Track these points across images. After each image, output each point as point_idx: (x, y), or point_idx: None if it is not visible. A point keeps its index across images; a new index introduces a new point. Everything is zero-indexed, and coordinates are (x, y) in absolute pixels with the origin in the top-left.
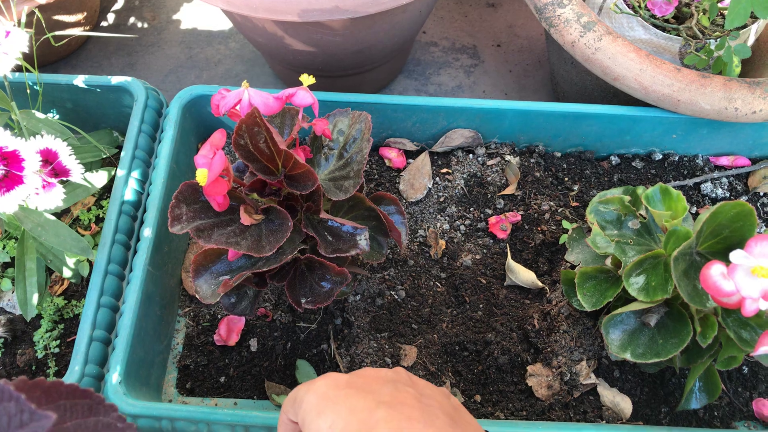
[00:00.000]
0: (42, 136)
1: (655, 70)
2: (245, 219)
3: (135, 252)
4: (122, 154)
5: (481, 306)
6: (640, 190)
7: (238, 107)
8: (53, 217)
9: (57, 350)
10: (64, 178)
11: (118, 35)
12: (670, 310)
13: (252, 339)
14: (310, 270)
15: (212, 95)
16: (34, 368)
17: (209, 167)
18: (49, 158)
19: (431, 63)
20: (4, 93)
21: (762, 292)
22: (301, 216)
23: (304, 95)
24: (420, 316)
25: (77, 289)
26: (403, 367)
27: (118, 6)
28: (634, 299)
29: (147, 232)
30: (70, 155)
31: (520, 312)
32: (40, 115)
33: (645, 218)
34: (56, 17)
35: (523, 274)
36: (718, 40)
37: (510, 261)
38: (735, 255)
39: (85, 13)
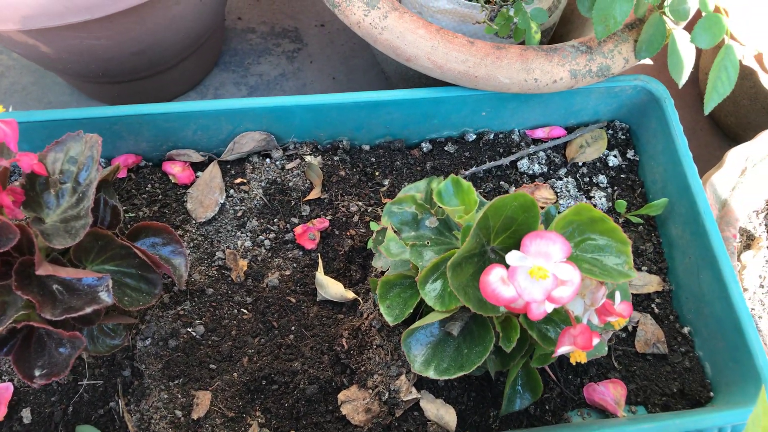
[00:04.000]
0: None
1: (448, 46)
2: None
3: None
4: None
5: (292, 329)
6: (434, 183)
7: None
8: None
9: None
10: None
11: None
12: (474, 314)
13: (24, 409)
14: (49, 336)
15: None
16: None
17: None
18: None
19: (249, 52)
20: None
21: (545, 294)
22: (12, 274)
23: None
24: (219, 353)
25: None
26: (194, 419)
27: None
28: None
29: None
30: None
31: (332, 330)
32: None
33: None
34: None
35: (332, 288)
36: (514, 4)
37: (318, 274)
38: (511, 256)
39: None
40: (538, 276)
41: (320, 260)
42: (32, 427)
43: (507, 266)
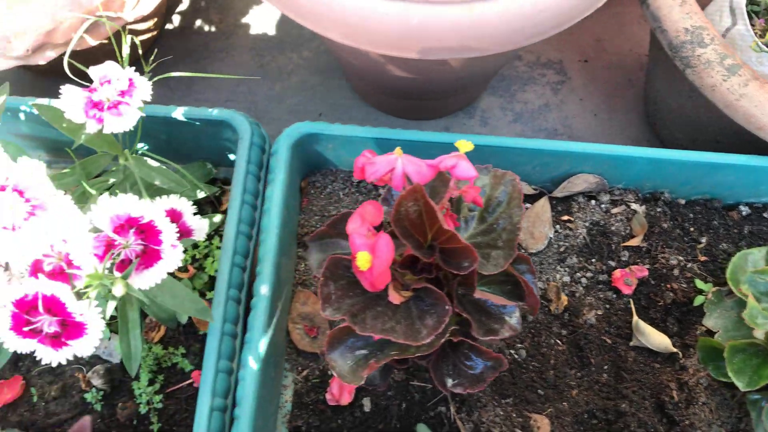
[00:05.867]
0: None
1: None
2: (394, 297)
3: (247, 308)
4: (231, 198)
5: (605, 368)
6: None
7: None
8: (169, 277)
9: (160, 405)
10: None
11: (170, 74)
12: None
13: (365, 398)
14: (452, 348)
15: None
16: (135, 422)
17: (374, 254)
18: (173, 219)
19: (516, 79)
20: (113, 137)
21: None
22: (452, 293)
23: (466, 168)
24: (545, 380)
25: (173, 335)
26: None
27: (182, 7)
28: None
29: (264, 290)
30: (194, 214)
31: (652, 378)
32: (153, 162)
33: None
34: (130, 26)
35: (654, 337)
36: None
37: (639, 321)
38: None
39: (156, 19)
40: None
41: (632, 306)
42: (371, 416)
43: None
